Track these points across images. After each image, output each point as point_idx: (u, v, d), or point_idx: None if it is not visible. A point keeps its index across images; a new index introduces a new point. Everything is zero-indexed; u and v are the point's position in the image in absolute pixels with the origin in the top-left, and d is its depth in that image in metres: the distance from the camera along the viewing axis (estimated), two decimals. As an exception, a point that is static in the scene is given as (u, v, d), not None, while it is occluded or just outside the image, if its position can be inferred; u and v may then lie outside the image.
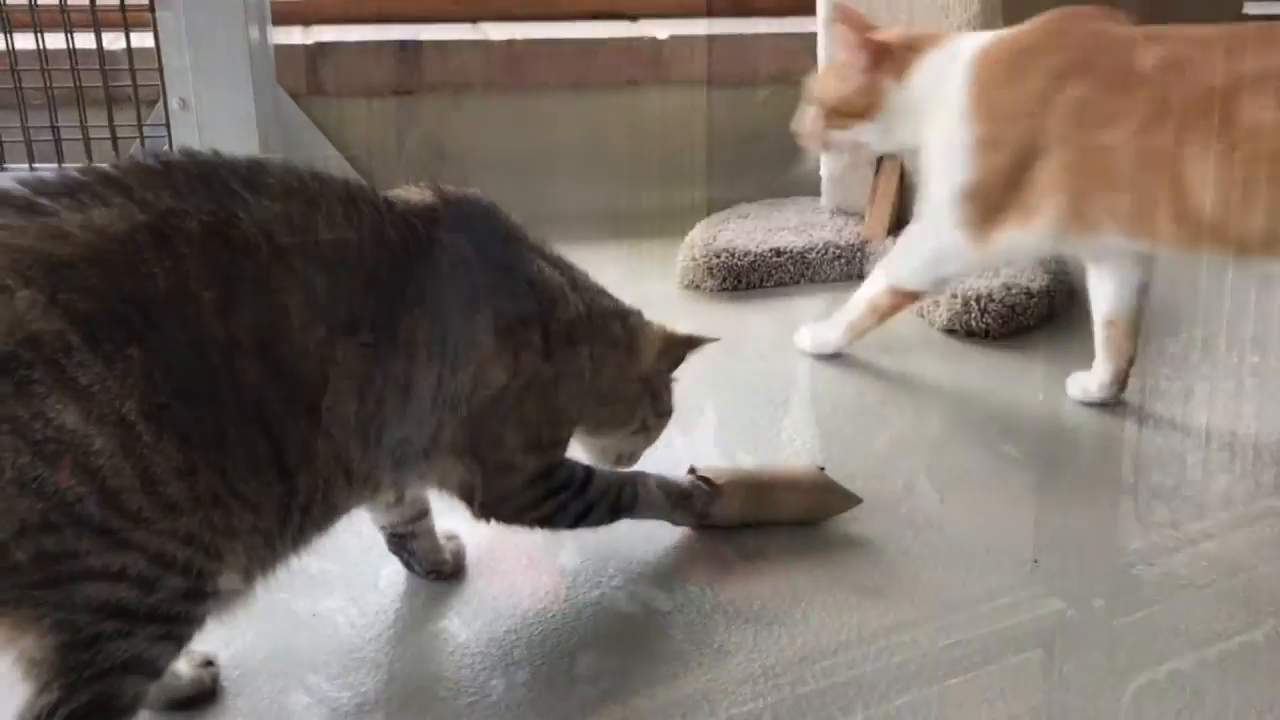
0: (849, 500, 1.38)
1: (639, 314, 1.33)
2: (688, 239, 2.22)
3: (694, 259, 2.16)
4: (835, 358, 1.87)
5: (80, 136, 2.08)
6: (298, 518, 1.01)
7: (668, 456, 1.44)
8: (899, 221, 2.26)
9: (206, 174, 0.96)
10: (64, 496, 0.84)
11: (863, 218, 2.28)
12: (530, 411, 1.19)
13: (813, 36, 2.32)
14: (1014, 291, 1.96)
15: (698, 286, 2.16)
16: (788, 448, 1.58)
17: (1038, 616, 1.23)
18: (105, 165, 0.94)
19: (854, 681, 1.14)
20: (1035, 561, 1.33)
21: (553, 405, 1.22)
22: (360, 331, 1.02)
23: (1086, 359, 1.86)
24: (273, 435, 0.96)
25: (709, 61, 2.59)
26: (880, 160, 2.27)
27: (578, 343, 1.22)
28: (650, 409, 1.35)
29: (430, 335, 1.08)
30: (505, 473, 1.20)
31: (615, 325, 1.28)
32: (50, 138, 2.07)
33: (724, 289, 2.14)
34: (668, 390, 1.38)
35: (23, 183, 0.89)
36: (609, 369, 1.27)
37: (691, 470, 1.38)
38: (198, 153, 0.99)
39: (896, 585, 1.29)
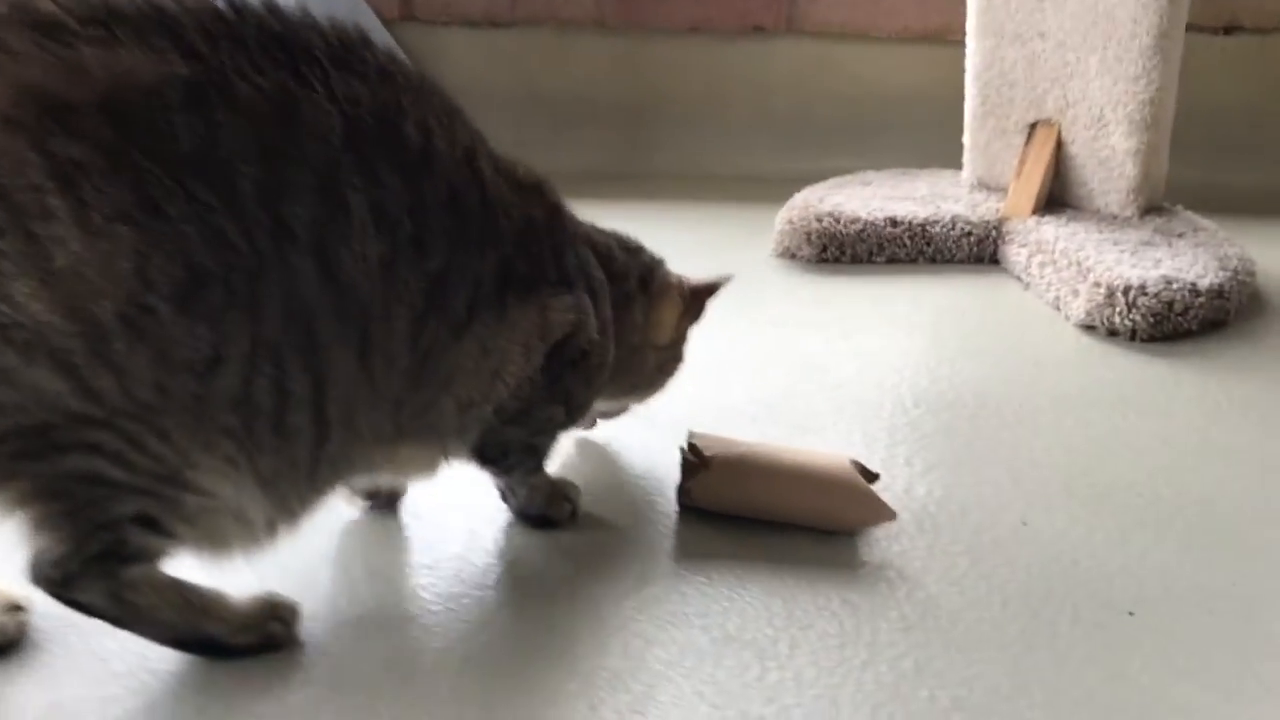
0: (879, 513, 1.07)
1: (659, 263, 1.17)
2: (790, 201, 1.91)
3: (790, 222, 1.85)
4: (941, 349, 1.54)
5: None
6: (326, 470, 0.88)
7: (685, 423, 1.18)
8: (1050, 199, 1.91)
9: (287, 35, 0.81)
10: (37, 385, 0.74)
11: (1006, 193, 1.92)
12: (583, 376, 1.05)
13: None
14: (1175, 286, 1.58)
15: (794, 255, 1.86)
16: (842, 442, 1.27)
17: (1123, 685, 0.89)
18: None
19: (834, 743, 0.83)
20: (1131, 614, 0.99)
21: (605, 367, 1.08)
22: (432, 257, 0.86)
23: (1260, 375, 1.47)
24: (317, 367, 0.82)
25: (845, 11, 2.28)
26: (1033, 126, 1.92)
27: (632, 309, 1.12)
28: (668, 371, 1.20)
29: (509, 282, 0.94)
30: (530, 427, 1.04)
31: (635, 300, 1.13)
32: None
33: (824, 259, 1.84)
34: (683, 344, 1.20)
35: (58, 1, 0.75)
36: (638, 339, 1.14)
37: (689, 436, 1.10)
38: (283, 9, 0.82)
39: (928, 622, 0.97)
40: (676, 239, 1.93)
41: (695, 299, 1.17)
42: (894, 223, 1.84)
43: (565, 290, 1.00)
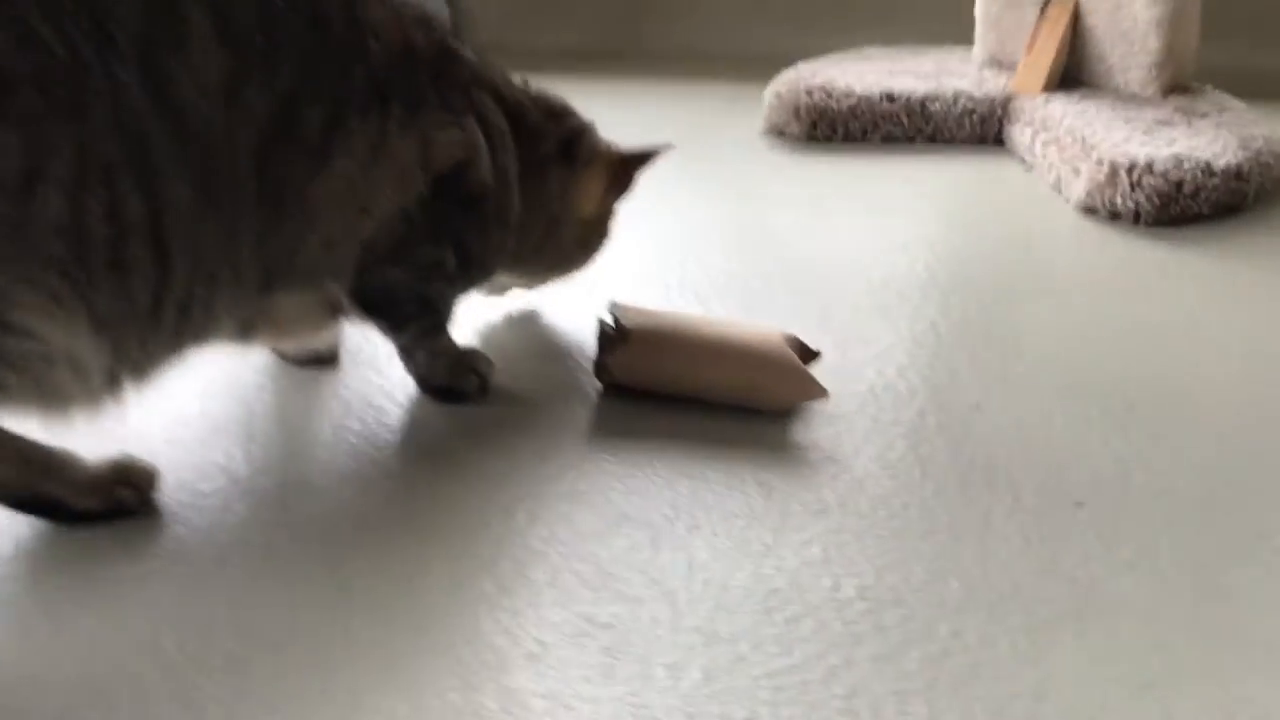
0: (809, 389, 0.97)
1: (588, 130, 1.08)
2: (781, 75, 1.79)
3: (778, 96, 1.73)
4: (923, 230, 1.43)
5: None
6: (171, 314, 0.79)
7: (629, 298, 1.11)
8: (1066, 76, 1.77)
9: None
10: None
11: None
12: (477, 224, 0.97)
13: None
14: (1186, 165, 1.45)
15: (782, 132, 1.74)
16: (794, 320, 1.17)
17: (1053, 578, 0.80)
18: None
19: (717, 626, 0.75)
20: (1079, 505, 0.89)
21: (505, 223, 0.99)
22: (279, 78, 0.79)
23: (1272, 262, 1.35)
24: (152, 192, 0.75)
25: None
26: (1048, -3, 1.77)
27: (548, 174, 1.02)
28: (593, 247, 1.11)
29: (381, 109, 0.86)
30: (413, 270, 0.95)
31: (552, 163, 1.04)
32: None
33: (814, 137, 1.72)
34: (610, 220, 1.11)
35: None
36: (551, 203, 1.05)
37: (610, 307, 1.01)
38: None
39: (847, 507, 0.88)
40: (663, 115, 1.83)
41: (623, 169, 1.08)
42: (890, 98, 1.71)
43: (452, 122, 0.91)
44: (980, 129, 1.72)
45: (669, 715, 0.68)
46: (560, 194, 1.03)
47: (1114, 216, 1.45)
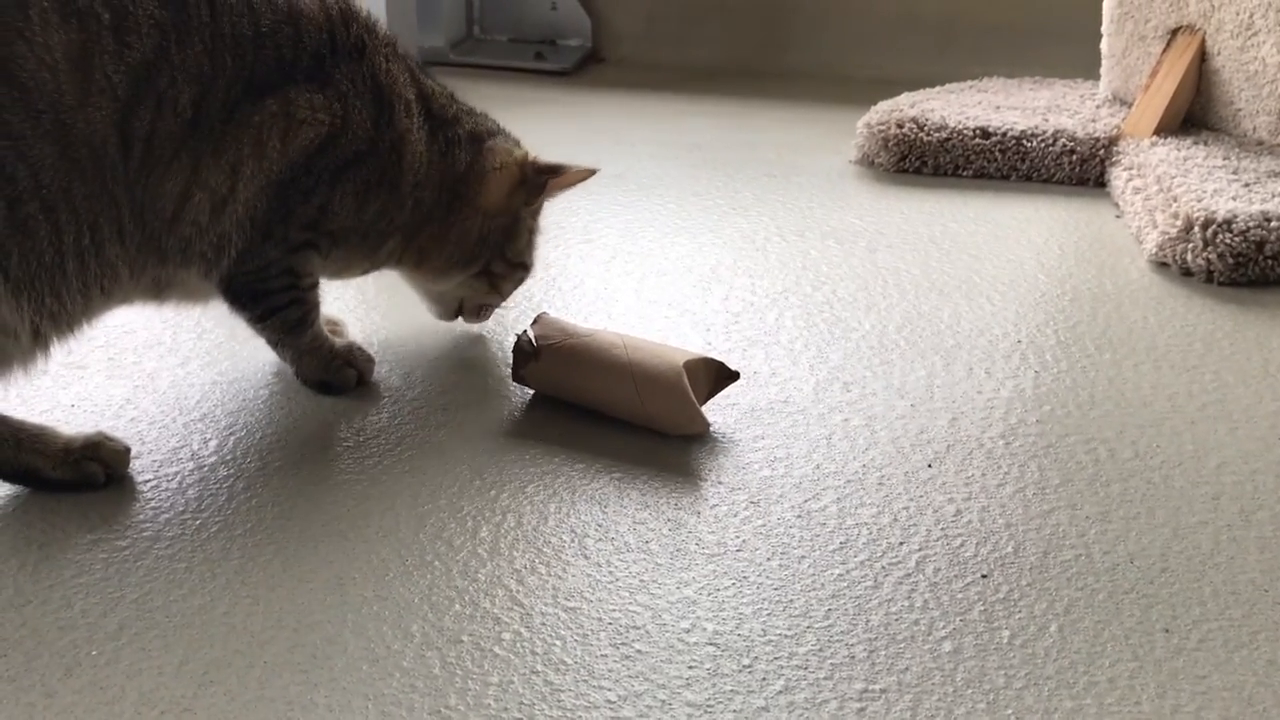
0: (691, 422, 1.01)
1: (504, 134, 1.13)
2: (877, 105, 1.77)
3: (869, 126, 1.71)
4: (967, 275, 1.40)
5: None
6: (73, 265, 0.88)
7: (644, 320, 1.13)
8: (1189, 119, 1.67)
9: None
10: None
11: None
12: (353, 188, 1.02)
13: None
14: (1273, 224, 1.35)
15: (872, 162, 1.72)
16: (783, 356, 1.18)
17: (921, 654, 0.79)
18: None
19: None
20: (984, 577, 0.87)
21: (357, 205, 1.03)
22: (131, 47, 0.87)
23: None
24: (26, 156, 0.84)
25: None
26: (1175, 32, 1.67)
27: (402, 151, 1.03)
28: (496, 252, 1.12)
29: (223, 78, 0.92)
30: (264, 264, 1.01)
31: (460, 147, 1.08)
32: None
33: (903, 169, 1.69)
34: (525, 236, 1.14)
35: None
36: (443, 194, 1.08)
37: (534, 321, 1.09)
38: None
39: (740, 552, 0.89)
40: (760, 138, 1.85)
41: (535, 173, 1.10)
42: (985, 134, 1.66)
43: (317, 89, 0.96)
44: (1080, 170, 1.65)
45: (472, 732, 0.72)
46: (465, 179, 1.07)
47: (1186, 273, 1.37)
